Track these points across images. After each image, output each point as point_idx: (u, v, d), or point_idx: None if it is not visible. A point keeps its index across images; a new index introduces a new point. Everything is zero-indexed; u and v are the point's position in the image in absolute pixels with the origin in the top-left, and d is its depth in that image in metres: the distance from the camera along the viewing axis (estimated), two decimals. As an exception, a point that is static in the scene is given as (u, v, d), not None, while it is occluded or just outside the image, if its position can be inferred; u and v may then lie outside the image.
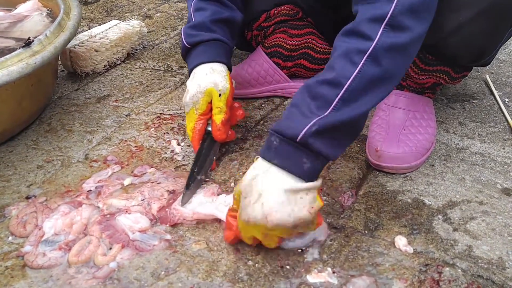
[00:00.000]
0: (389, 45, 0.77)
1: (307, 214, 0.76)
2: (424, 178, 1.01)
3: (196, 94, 1.00)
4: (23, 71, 1.00)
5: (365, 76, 0.77)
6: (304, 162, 0.77)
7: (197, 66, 1.03)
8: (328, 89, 0.77)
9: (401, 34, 0.78)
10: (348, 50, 0.79)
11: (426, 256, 0.83)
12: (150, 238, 0.86)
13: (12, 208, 0.94)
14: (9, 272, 0.81)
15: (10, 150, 1.10)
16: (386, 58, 0.77)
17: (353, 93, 0.77)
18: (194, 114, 1.01)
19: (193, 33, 1.05)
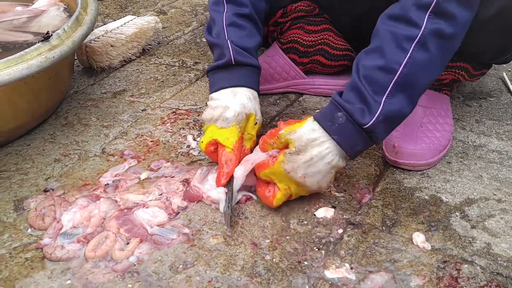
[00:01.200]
0: (434, 31, 0.81)
1: (326, 186, 0.90)
2: (441, 175, 1.01)
3: (241, 113, 0.96)
4: (42, 65, 1.00)
5: (415, 62, 0.82)
6: (358, 144, 0.85)
7: (238, 87, 0.99)
8: (382, 75, 0.83)
9: (445, 21, 0.81)
10: (396, 36, 0.83)
11: (444, 253, 0.83)
12: (169, 232, 0.87)
13: (31, 201, 0.95)
14: (29, 264, 0.82)
15: (27, 143, 1.11)
16: (433, 43, 0.82)
17: (405, 78, 0.82)
18: (237, 132, 0.96)
19: (244, 53, 1.00)
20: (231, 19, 1.03)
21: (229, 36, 1.01)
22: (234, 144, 0.95)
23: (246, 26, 1.04)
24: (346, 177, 1.00)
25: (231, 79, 0.99)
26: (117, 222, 0.88)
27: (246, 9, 1.04)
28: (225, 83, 0.99)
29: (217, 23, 1.04)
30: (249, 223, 0.89)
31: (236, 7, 1.04)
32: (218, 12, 1.05)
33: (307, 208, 0.92)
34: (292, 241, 0.85)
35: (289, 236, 0.86)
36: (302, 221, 0.89)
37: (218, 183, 0.93)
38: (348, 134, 0.84)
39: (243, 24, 1.03)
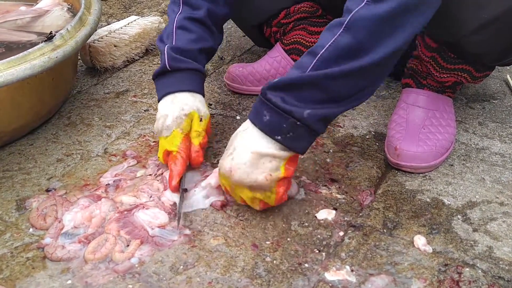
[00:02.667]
0: (365, 16, 0.77)
1: (263, 179, 0.82)
2: (444, 178, 1.00)
3: (179, 116, 0.97)
4: (45, 65, 1.01)
5: (337, 46, 0.78)
6: (264, 114, 0.81)
7: (176, 92, 0.99)
8: (306, 58, 0.81)
9: (380, 4, 0.76)
10: (333, 23, 0.81)
11: (445, 256, 0.83)
12: (170, 233, 0.87)
13: (33, 201, 0.95)
14: (30, 263, 0.82)
15: (30, 143, 1.11)
16: (361, 29, 0.77)
17: (323, 61, 0.79)
18: (179, 133, 0.97)
19: (179, 58, 0.99)
20: (181, 22, 1.03)
21: (177, 39, 1.01)
22: (178, 145, 0.96)
23: (195, 30, 1.03)
24: (347, 179, 0.99)
25: (168, 85, 1.00)
26: (117, 225, 0.87)
27: (200, 13, 1.03)
28: (164, 91, 1.00)
29: (169, 24, 1.05)
30: (250, 225, 0.89)
31: (191, 10, 1.04)
32: (172, 13, 1.05)
33: (308, 210, 0.92)
34: (293, 243, 0.85)
35: (290, 238, 0.86)
36: (303, 223, 0.89)
37: (170, 186, 0.94)
38: (255, 108, 0.83)
39: (192, 28, 1.03)
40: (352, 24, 0.77)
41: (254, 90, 1.28)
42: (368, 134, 1.13)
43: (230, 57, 1.49)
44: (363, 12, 0.77)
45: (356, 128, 1.16)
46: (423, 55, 1.06)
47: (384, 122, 1.17)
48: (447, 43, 1.01)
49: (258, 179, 0.83)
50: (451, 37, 0.97)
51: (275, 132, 0.81)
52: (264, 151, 0.82)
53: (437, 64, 1.04)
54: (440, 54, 1.03)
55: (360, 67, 0.79)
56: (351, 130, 1.15)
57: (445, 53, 1.03)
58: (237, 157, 0.83)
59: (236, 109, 1.24)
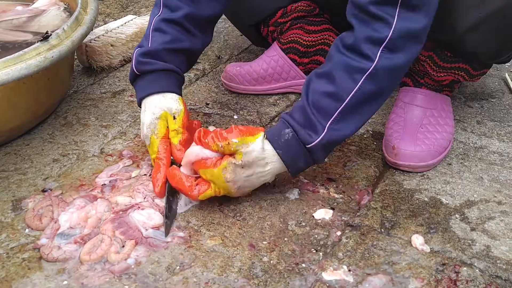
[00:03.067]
0: (387, 67, 0.84)
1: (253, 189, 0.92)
2: (442, 177, 1.00)
3: (152, 122, 0.96)
4: (41, 65, 1.00)
5: (363, 93, 0.85)
6: (300, 161, 0.88)
7: (147, 97, 0.99)
8: (329, 102, 0.86)
9: (398, 55, 0.84)
10: (349, 67, 0.85)
11: (443, 255, 0.82)
12: (163, 234, 0.86)
13: (29, 201, 0.94)
14: (26, 264, 0.82)
15: (26, 143, 1.11)
16: (384, 77, 0.85)
17: (351, 108, 0.86)
18: (155, 139, 0.96)
19: (145, 61, 0.99)
20: (157, 24, 1.02)
21: (153, 41, 1.00)
22: (157, 151, 0.96)
23: (170, 31, 1.01)
24: (345, 179, 0.99)
25: (140, 90, 1.01)
26: (112, 225, 0.87)
27: (176, 15, 1.01)
28: (138, 97, 1.01)
29: (148, 26, 1.03)
30: (247, 225, 0.89)
31: (169, 12, 1.02)
32: (152, 15, 1.04)
33: (305, 210, 0.92)
34: (290, 243, 0.85)
35: (287, 237, 0.86)
36: (300, 222, 0.89)
37: (156, 194, 0.94)
38: (292, 150, 0.87)
39: (168, 30, 1.01)
40: (376, 74, 0.84)
41: (251, 90, 1.28)
42: (366, 133, 1.13)
43: (227, 56, 1.48)
44: (385, 63, 0.84)
45: (354, 127, 1.15)
46: (420, 55, 1.06)
47: (382, 121, 1.16)
48: (443, 42, 1.01)
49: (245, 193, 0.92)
50: (447, 36, 0.97)
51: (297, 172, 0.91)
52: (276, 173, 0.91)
53: (434, 63, 1.04)
54: (437, 53, 1.03)
55: (377, 108, 0.90)
56: (348, 129, 1.14)
57: (442, 52, 1.02)
58: (250, 182, 0.88)
59: (234, 109, 1.23)
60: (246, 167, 0.86)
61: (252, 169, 0.86)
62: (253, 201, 0.94)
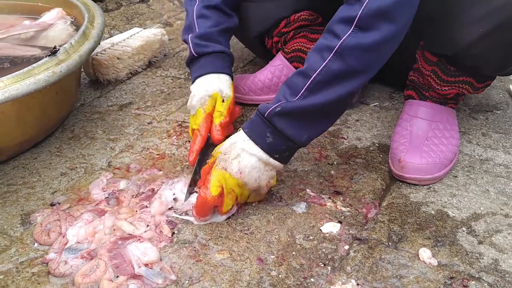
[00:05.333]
0: (354, 45, 0.83)
1: (265, 185, 0.92)
2: (448, 190, 1.00)
3: (203, 97, 1.07)
4: (49, 80, 1.01)
5: (329, 71, 0.85)
6: (267, 136, 0.88)
7: (203, 76, 1.11)
8: (299, 79, 0.87)
9: (368, 34, 0.83)
10: (321, 46, 0.87)
11: (451, 269, 0.83)
12: (155, 275, 0.82)
13: (38, 215, 0.95)
14: (35, 279, 0.82)
15: (34, 157, 1.12)
16: (351, 56, 0.84)
17: (317, 85, 0.86)
18: (201, 113, 1.07)
19: (202, 43, 1.11)
20: (200, 11, 1.14)
21: (199, 28, 1.13)
22: (199, 124, 1.06)
23: (212, 16, 1.14)
24: (352, 192, 0.99)
25: (197, 70, 1.12)
26: (108, 255, 0.84)
27: (215, 0, 1.14)
28: (194, 75, 1.12)
29: (189, 16, 1.15)
30: (255, 238, 0.89)
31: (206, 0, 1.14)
32: (191, 6, 1.16)
33: (313, 224, 0.92)
34: (298, 257, 0.85)
35: (295, 251, 0.86)
36: (308, 236, 0.89)
37: (188, 161, 1.05)
38: (255, 125, 0.90)
39: (210, 15, 1.14)
40: (343, 52, 0.84)
41: (256, 100, 1.29)
42: (372, 145, 1.14)
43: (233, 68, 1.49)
44: (353, 41, 0.83)
45: (360, 139, 1.16)
46: (423, 69, 1.07)
47: (387, 133, 1.17)
48: (446, 57, 1.01)
49: (262, 184, 0.91)
50: (449, 51, 0.98)
51: (274, 152, 0.89)
52: (268, 160, 0.90)
53: (438, 77, 1.04)
54: (440, 68, 1.04)
55: (351, 90, 0.87)
56: (354, 142, 1.15)
57: (445, 66, 1.03)
58: (244, 161, 0.89)
59: (239, 120, 1.24)
60: (228, 153, 0.90)
61: (233, 150, 0.90)
62: (261, 214, 0.94)
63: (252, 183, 0.90)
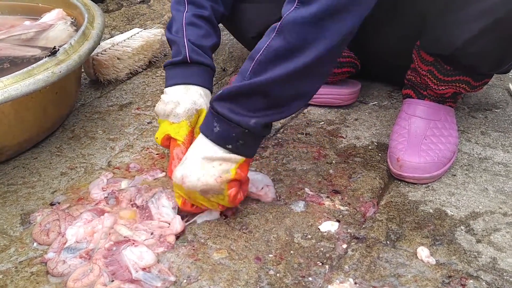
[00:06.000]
0: (293, 19, 0.80)
1: (214, 182, 0.84)
2: (446, 188, 1.00)
3: (191, 109, 1.01)
4: (49, 80, 1.01)
5: (270, 49, 0.81)
6: (214, 126, 0.84)
7: (190, 85, 1.04)
8: (246, 64, 0.84)
9: (308, 7, 0.79)
10: (269, 29, 0.84)
11: (449, 267, 0.83)
12: (153, 278, 0.81)
13: (37, 215, 0.95)
14: (34, 278, 0.83)
15: (34, 157, 1.12)
16: (291, 31, 0.80)
17: (260, 65, 0.82)
18: (187, 125, 1.01)
19: (199, 51, 1.05)
20: (190, 19, 1.08)
21: (187, 34, 1.06)
22: (185, 137, 1.00)
23: (204, 26, 1.09)
24: (350, 190, 1.00)
25: (185, 76, 1.04)
26: (104, 261, 0.84)
27: (206, 12, 1.10)
28: (179, 80, 1.04)
29: (177, 21, 1.09)
30: (253, 237, 0.89)
31: (196, 9, 1.09)
32: (179, 11, 1.10)
33: (311, 222, 0.92)
34: (296, 256, 0.85)
35: (293, 250, 0.86)
36: (306, 235, 0.89)
37: (170, 173, 0.99)
38: (206, 117, 0.86)
39: (201, 25, 1.09)
40: (283, 28, 0.81)
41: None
42: (371, 144, 1.14)
43: (232, 69, 1.50)
44: (292, 15, 0.80)
45: (359, 138, 1.16)
46: (420, 69, 1.07)
47: (386, 132, 1.17)
48: (441, 56, 1.01)
49: (209, 181, 0.85)
50: (444, 51, 0.98)
51: (226, 142, 0.84)
52: (214, 155, 0.85)
53: (434, 77, 1.05)
54: (436, 67, 1.04)
55: (295, 69, 0.81)
56: (353, 141, 1.15)
57: (441, 66, 1.03)
58: (188, 165, 0.86)
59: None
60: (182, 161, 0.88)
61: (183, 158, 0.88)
62: (259, 213, 0.94)
63: (195, 184, 0.85)
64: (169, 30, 1.10)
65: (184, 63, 1.04)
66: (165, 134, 1.01)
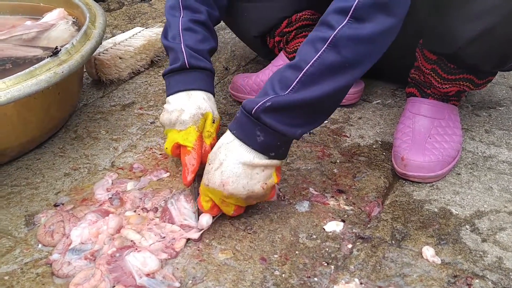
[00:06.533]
0: (349, 36, 0.80)
1: (260, 189, 0.85)
2: (451, 187, 1.00)
3: (196, 114, 1.00)
4: (51, 80, 1.01)
5: (323, 62, 0.81)
6: (258, 135, 0.83)
7: (193, 90, 1.03)
8: (290, 72, 0.83)
9: (364, 26, 0.80)
10: (314, 37, 0.83)
11: (454, 267, 0.83)
12: (158, 284, 0.80)
13: (41, 216, 0.95)
14: (40, 279, 0.83)
15: (37, 157, 1.12)
16: (346, 47, 0.81)
17: (310, 77, 0.82)
18: (195, 131, 1.00)
19: (197, 56, 1.04)
20: (186, 24, 1.07)
21: (185, 40, 1.05)
22: (194, 142, 0.99)
23: (201, 31, 1.08)
24: (355, 190, 0.99)
25: (186, 82, 1.03)
26: (107, 267, 0.83)
27: (202, 16, 1.10)
28: (180, 87, 1.03)
29: (172, 27, 1.08)
30: (258, 238, 0.89)
31: (192, 14, 1.09)
32: (174, 17, 1.09)
33: (316, 222, 0.92)
34: (301, 256, 0.85)
35: (298, 251, 0.86)
36: (311, 235, 0.89)
37: (184, 181, 0.97)
38: (243, 125, 0.84)
39: (198, 30, 1.08)
40: (337, 43, 0.81)
41: (259, 101, 1.28)
42: (375, 143, 1.13)
43: (235, 67, 1.49)
44: (347, 32, 0.80)
45: (363, 137, 1.15)
46: (423, 68, 1.07)
47: (390, 131, 1.17)
48: (445, 55, 1.01)
49: (255, 189, 0.85)
50: (448, 49, 0.98)
51: (269, 150, 0.84)
52: (255, 162, 0.84)
53: (438, 75, 1.04)
54: (440, 66, 1.03)
55: (346, 83, 0.83)
56: (357, 140, 1.15)
57: (445, 64, 1.03)
58: (227, 171, 0.84)
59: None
60: (212, 161, 0.86)
61: (217, 158, 0.85)
62: (263, 213, 0.94)
63: (240, 192, 0.84)
64: (165, 37, 1.08)
65: (183, 69, 1.03)
66: (174, 142, 1.00)
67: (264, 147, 0.84)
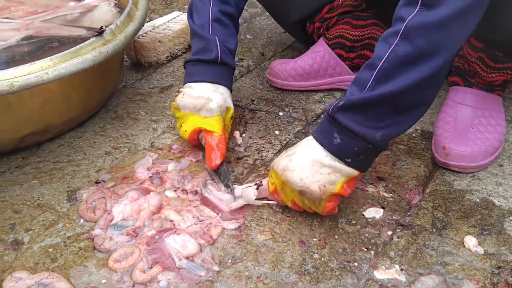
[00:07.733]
0: (420, 23, 0.76)
1: (317, 189, 0.81)
2: (493, 178, 0.98)
3: (223, 106, 1.02)
4: (96, 59, 1.03)
5: (396, 56, 0.77)
6: (335, 137, 0.80)
7: (219, 84, 1.04)
8: (366, 72, 0.80)
9: (436, 10, 0.75)
10: (387, 34, 0.80)
11: (498, 258, 0.81)
12: (197, 267, 0.81)
13: (83, 192, 0.97)
14: (82, 253, 0.84)
15: (79, 136, 1.14)
16: (418, 36, 0.76)
17: (384, 73, 0.78)
18: (221, 121, 1.02)
19: (228, 54, 1.06)
20: (217, 15, 1.07)
21: (214, 32, 1.06)
22: (221, 129, 1.01)
23: (229, 25, 1.09)
24: (395, 178, 0.98)
25: (214, 75, 1.04)
26: (146, 248, 0.84)
27: (231, 9, 1.09)
28: (208, 78, 1.04)
29: (201, 14, 1.07)
30: (296, 221, 0.89)
31: (222, 4, 1.08)
32: (203, 3, 1.08)
33: (355, 208, 0.91)
34: (340, 241, 0.85)
35: (338, 235, 0.86)
36: (350, 221, 0.89)
37: (211, 164, 0.98)
38: (322, 127, 0.83)
39: (227, 23, 1.08)
40: (409, 32, 0.76)
41: (297, 86, 1.28)
42: (415, 132, 1.12)
43: (271, 53, 1.49)
44: (419, 19, 0.76)
45: (402, 126, 1.14)
46: (469, 56, 1.05)
47: (430, 120, 1.15)
48: (494, 42, 0.99)
49: (311, 186, 0.81)
50: (498, 36, 0.96)
51: (346, 155, 0.80)
52: (327, 162, 0.81)
53: (485, 64, 1.02)
54: (487, 54, 1.01)
55: (426, 74, 0.77)
56: (396, 128, 1.13)
57: (492, 53, 1.00)
58: (295, 160, 0.83)
59: (279, 105, 1.24)
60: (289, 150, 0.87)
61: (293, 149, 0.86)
62: (302, 197, 0.94)
63: (296, 182, 0.82)
64: (191, 19, 1.09)
65: (213, 62, 1.04)
66: (196, 127, 1.01)
67: (340, 150, 0.80)
